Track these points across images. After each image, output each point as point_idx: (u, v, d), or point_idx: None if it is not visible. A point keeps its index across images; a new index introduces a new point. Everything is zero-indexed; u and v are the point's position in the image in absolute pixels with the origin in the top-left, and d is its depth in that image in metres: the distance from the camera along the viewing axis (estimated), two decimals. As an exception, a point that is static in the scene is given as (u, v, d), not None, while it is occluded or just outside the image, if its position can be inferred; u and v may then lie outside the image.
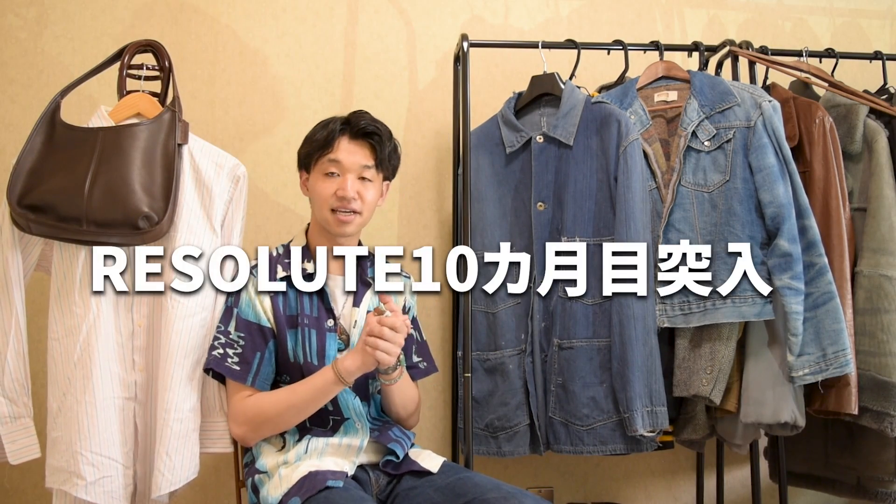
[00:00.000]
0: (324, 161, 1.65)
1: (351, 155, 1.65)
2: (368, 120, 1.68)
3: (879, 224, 1.90)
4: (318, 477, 1.48)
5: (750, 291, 1.82)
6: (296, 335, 1.63)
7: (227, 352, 1.61)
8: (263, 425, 1.59)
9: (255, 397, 1.60)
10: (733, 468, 2.41)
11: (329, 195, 1.64)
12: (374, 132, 1.67)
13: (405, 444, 1.64)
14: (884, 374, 1.85)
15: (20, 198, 1.52)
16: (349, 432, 1.61)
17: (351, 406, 1.61)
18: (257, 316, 1.63)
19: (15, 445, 1.56)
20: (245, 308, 1.63)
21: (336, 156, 1.64)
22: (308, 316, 1.64)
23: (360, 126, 1.66)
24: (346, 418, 1.61)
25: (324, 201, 1.65)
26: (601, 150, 1.92)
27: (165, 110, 1.66)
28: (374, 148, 1.67)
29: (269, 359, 1.63)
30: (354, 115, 1.68)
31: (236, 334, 1.62)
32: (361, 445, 1.59)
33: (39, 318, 1.96)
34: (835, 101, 2.04)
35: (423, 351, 1.80)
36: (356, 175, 1.65)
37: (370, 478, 1.60)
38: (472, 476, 1.56)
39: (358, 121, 1.67)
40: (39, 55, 2.21)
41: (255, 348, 1.61)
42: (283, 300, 1.65)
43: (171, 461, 1.56)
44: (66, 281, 1.58)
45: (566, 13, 2.45)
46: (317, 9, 2.33)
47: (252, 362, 1.60)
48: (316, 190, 1.67)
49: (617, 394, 1.83)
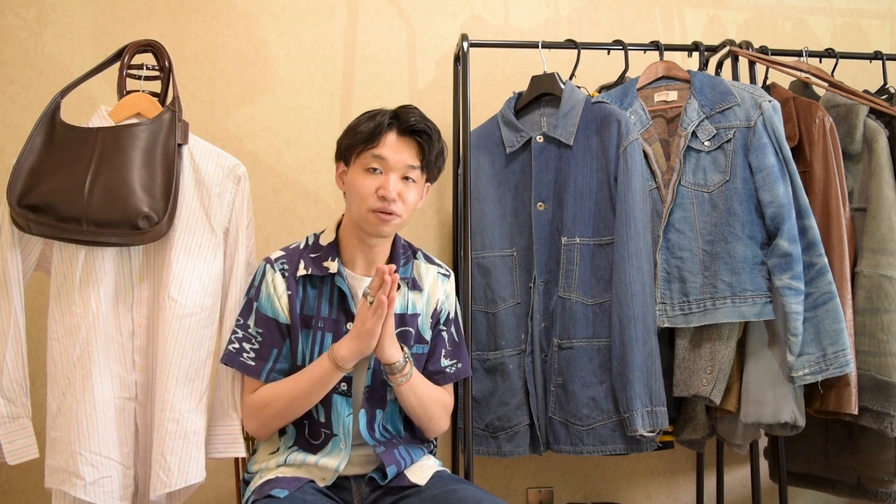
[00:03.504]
0: (367, 155, 1.57)
1: (397, 152, 1.56)
2: (418, 117, 1.59)
3: (879, 224, 1.90)
4: (267, 485, 1.51)
5: (750, 291, 1.82)
6: (308, 337, 1.60)
7: (243, 346, 1.59)
8: (273, 418, 1.58)
9: (262, 390, 1.59)
10: (733, 468, 2.41)
11: (369, 193, 1.55)
12: (423, 130, 1.58)
13: (405, 464, 1.60)
14: (884, 374, 1.85)
15: (20, 198, 1.52)
16: (332, 452, 1.58)
17: (341, 422, 1.58)
18: (275, 312, 1.60)
19: (13, 446, 1.55)
20: (265, 303, 1.61)
21: (381, 151, 1.56)
22: (325, 318, 1.60)
23: (409, 122, 1.57)
24: (334, 434, 1.58)
25: (363, 199, 1.56)
26: (601, 149, 1.92)
27: (165, 110, 1.65)
28: (421, 147, 1.59)
29: (287, 355, 1.61)
30: (404, 110, 1.60)
31: (255, 329, 1.60)
32: (338, 468, 1.56)
33: (39, 318, 1.96)
34: (835, 101, 2.04)
35: (456, 352, 1.71)
36: (400, 174, 1.57)
37: (351, 485, 1.58)
38: (459, 489, 1.51)
39: (408, 117, 1.58)
40: (39, 55, 2.21)
41: (272, 345, 1.59)
42: (302, 298, 1.60)
43: (165, 462, 1.54)
44: (65, 281, 1.57)
45: (566, 13, 2.45)
46: (317, 9, 2.33)
47: (268, 359, 1.59)
48: (355, 185, 1.58)
49: (617, 394, 1.83)
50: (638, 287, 1.82)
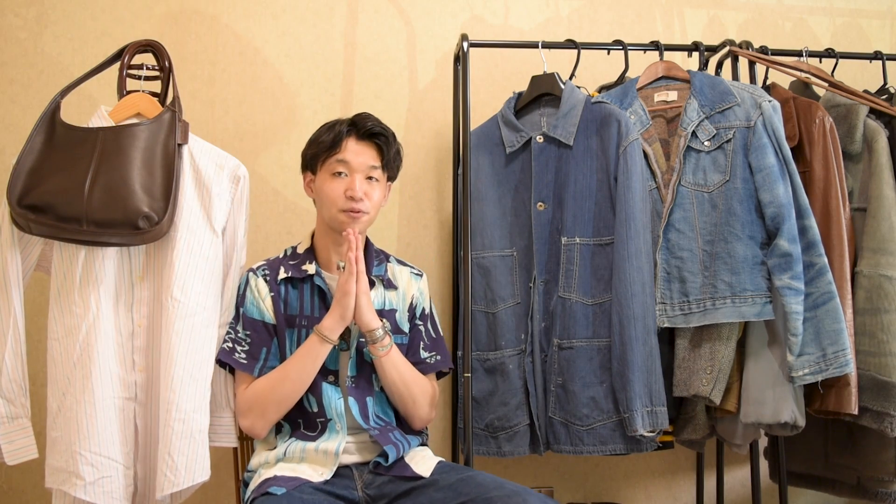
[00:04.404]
0: (331, 161, 1.68)
1: (358, 156, 1.68)
2: (374, 121, 1.71)
3: (879, 224, 1.90)
4: (266, 483, 1.53)
5: (750, 291, 1.82)
6: (293, 335, 1.67)
7: (235, 346, 1.66)
8: (267, 408, 1.61)
9: (253, 384, 1.64)
10: (733, 468, 2.41)
11: (338, 195, 1.66)
12: (380, 132, 1.70)
13: (403, 448, 1.63)
14: (884, 374, 1.85)
15: (20, 198, 1.52)
16: (330, 436, 1.62)
17: (333, 406, 1.63)
18: (261, 313, 1.68)
19: (12, 446, 1.56)
20: (250, 307, 1.68)
21: (344, 156, 1.67)
22: (308, 316, 1.67)
23: (366, 127, 1.69)
24: (328, 419, 1.63)
25: (332, 201, 1.67)
26: (601, 149, 1.92)
27: (165, 110, 1.65)
28: (380, 148, 1.70)
29: (276, 352, 1.67)
30: (360, 117, 1.71)
31: (243, 333, 1.67)
32: (337, 451, 1.59)
33: (39, 318, 1.96)
34: (835, 101, 2.04)
35: (435, 346, 1.78)
36: (364, 175, 1.68)
37: (353, 473, 1.60)
38: (475, 475, 1.55)
39: (364, 122, 1.69)
40: (39, 55, 2.21)
41: (261, 343, 1.66)
42: (285, 299, 1.69)
43: (173, 462, 1.55)
44: (65, 281, 1.58)
45: (566, 13, 2.45)
46: (317, 9, 2.33)
47: (259, 357, 1.65)
48: (323, 190, 1.68)
49: (617, 394, 1.83)
50: (638, 287, 1.82)
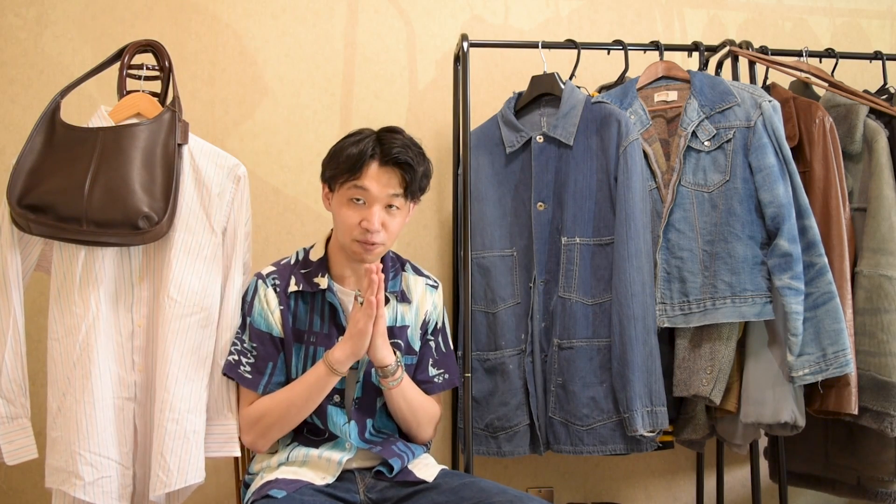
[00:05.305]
0: (349, 186, 1.56)
1: (379, 183, 1.56)
2: (401, 145, 1.57)
3: (879, 224, 1.90)
4: (266, 486, 1.51)
5: (750, 291, 1.82)
6: (300, 351, 1.62)
7: (240, 359, 1.61)
8: (270, 428, 1.58)
9: (259, 402, 1.60)
10: (733, 468, 2.41)
11: (353, 224, 1.56)
12: (406, 161, 1.56)
13: (407, 458, 1.61)
14: (884, 374, 1.85)
15: (20, 198, 1.52)
16: (336, 447, 1.60)
17: (339, 430, 1.60)
18: (269, 326, 1.63)
19: (12, 446, 1.55)
20: (257, 318, 1.63)
21: (363, 183, 1.55)
22: (317, 333, 1.62)
23: (392, 154, 1.55)
24: (336, 437, 1.61)
25: (347, 229, 1.57)
26: (601, 149, 1.92)
27: (165, 110, 1.65)
28: (404, 175, 1.57)
29: (282, 367, 1.63)
30: (387, 136, 1.58)
31: (250, 344, 1.62)
32: (341, 461, 1.57)
33: (39, 318, 1.96)
34: (835, 101, 2.04)
35: (444, 363, 1.72)
36: (383, 204, 1.57)
37: (356, 476, 1.59)
38: (477, 481, 1.54)
39: (391, 147, 1.56)
40: (39, 55, 2.21)
41: (267, 358, 1.61)
42: (294, 313, 1.63)
43: (165, 462, 1.54)
44: (65, 281, 1.57)
45: (566, 13, 2.45)
46: (317, 9, 2.33)
47: (264, 372, 1.61)
48: (339, 215, 1.59)
49: (617, 394, 1.83)
50: (638, 287, 1.82)
